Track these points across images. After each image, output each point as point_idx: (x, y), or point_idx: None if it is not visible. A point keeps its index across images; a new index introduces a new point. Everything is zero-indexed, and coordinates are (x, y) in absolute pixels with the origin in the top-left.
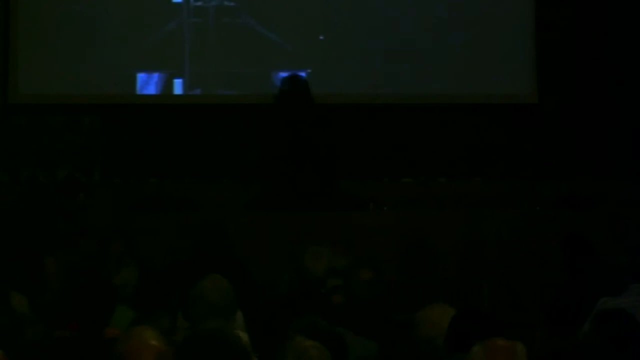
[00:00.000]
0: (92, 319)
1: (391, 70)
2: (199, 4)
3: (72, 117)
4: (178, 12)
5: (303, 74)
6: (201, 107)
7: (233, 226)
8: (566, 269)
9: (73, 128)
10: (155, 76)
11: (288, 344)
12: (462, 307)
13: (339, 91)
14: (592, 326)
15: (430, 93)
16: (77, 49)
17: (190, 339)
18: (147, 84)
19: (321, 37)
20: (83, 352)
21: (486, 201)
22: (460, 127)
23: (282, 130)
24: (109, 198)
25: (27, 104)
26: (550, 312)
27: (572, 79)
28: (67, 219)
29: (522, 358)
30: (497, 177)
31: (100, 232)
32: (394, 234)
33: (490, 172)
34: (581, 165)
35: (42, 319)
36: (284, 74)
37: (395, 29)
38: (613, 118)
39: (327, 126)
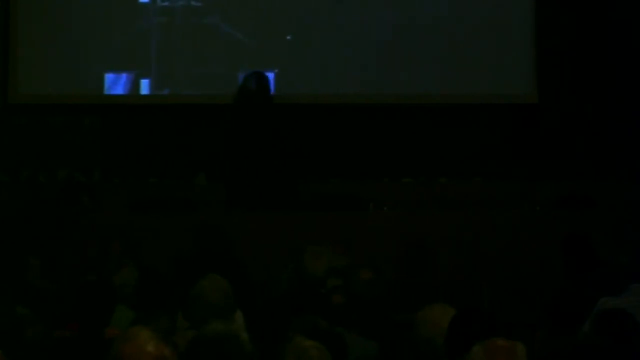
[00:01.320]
0: (92, 319)
1: (368, 71)
2: (165, 4)
3: (72, 117)
4: (145, 12)
5: (271, 73)
6: (202, 107)
7: (233, 226)
8: (566, 269)
9: (73, 128)
10: (123, 76)
11: (288, 344)
12: (462, 307)
13: (306, 91)
14: (592, 326)
15: (430, 93)
16: (76, 49)
17: (196, 341)
18: (115, 84)
19: (288, 37)
20: (83, 352)
21: (486, 201)
22: (460, 127)
23: (242, 128)
24: (109, 198)
25: (27, 104)
26: (550, 312)
27: (572, 79)
28: (69, 220)
29: (522, 358)
30: (497, 177)
31: (100, 232)
32: (394, 234)
33: (490, 172)
34: (581, 165)
35: (42, 319)
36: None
37: (389, 28)
38: (613, 118)
39: (288, 125)
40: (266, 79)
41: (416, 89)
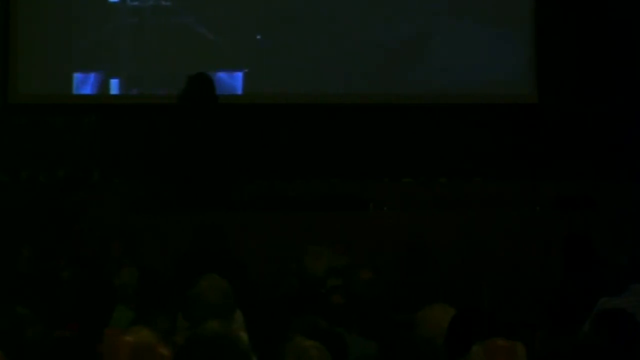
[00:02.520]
0: (92, 319)
1: (343, 70)
2: (135, 4)
3: (72, 117)
4: (114, 13)
5: (240, 72)
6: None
7: (233, 226)
8: (566, 269)
9: (73, 128)
10: (92, 76)
11: (288, 344)
12: (462, 307)
13: (276, 89)
14: (592, 326)
15: (430, 93)
16: (75, 48)
17: (190, 341)
18: (84, 84)
19: (258, 37)
20: (83, 352)
21: (486, 201)
22: (460, 127)
23: (187, 129)
24: (109, 198)
25: (27, 104)
26: (550, 312)
27: (572, 79)
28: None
29: (522, 358)
30: (497, 177)
31: (100, 232)
32: (394, 234)
33: (490, 172)
34: (581, 165)
35: (42, 319)
36: (220, 74)
37: (380, 29)
38: (613, 118)
39: (230, 126)
40: (211, 80)
41: (416, 89)
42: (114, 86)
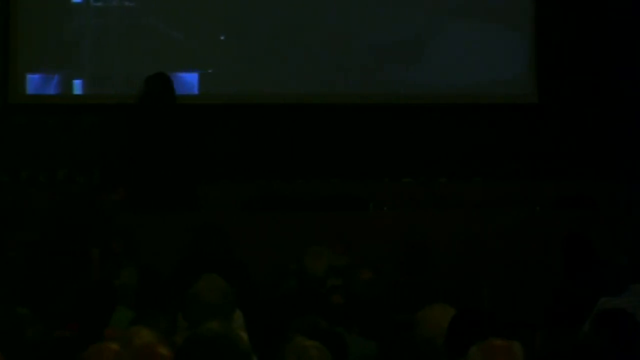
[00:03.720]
0: (92, 319)
1: (306, 70)
2: (99, 4)
3: (72, 117)
4: (79, 13)
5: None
6: (206, 107)
7: (233, 226)
8: (566, 269)
9: (73, 128)
10: (56, 77)
11: (288, 344)
12: (462, 307)
13: (238, 90)
14: (592, 326)
15: (430, 93)
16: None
17: (190, 341)
18: (47, 85)
19: (222, 37)
20: (83, 352)
21: (486, 201)
22: (460, 127)
23: (143, 130)
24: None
25: (27, 104)
26: (550, 312)
27: (572, 79)
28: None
29: (520, 357)
30: (497, 177)
31: (100, 232)
32: (394, 234)
33: (490, 172)
34: (581, 165)
35: (42, 319)
36: (180, 74)
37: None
38: (613, 118)
39: (189, 126)
40: (170, 80)
41: (416, 89)
42: (77, 87)
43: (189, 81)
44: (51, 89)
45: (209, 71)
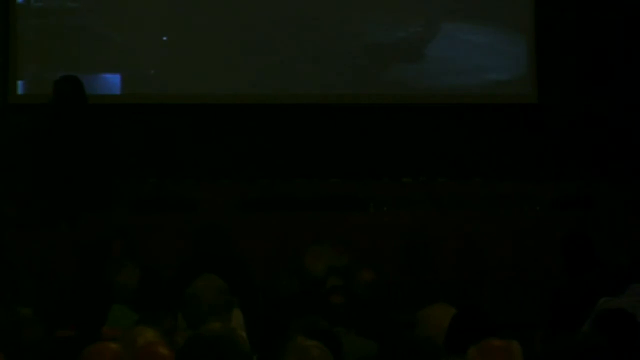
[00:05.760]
0: (88, 319)
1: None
2: (39, 4)
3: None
4: (22, 13)
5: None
6: (207, 107)
7: (233, 226)
8: (566, 269)
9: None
10: None
11: (289, 344)
12: (462, 307)
13: (183, 91)
14: (592, 326)
15: (430, 93)
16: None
17: (191, 342)
18: None
19: (164, 38)
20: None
21: (486, 201)
22: (460, 127)
23: (56, 131)
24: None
25: (27, 104)
26: (550, 312)
27: (572, 79)
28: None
29: (518, 357)
30: (497, 177)
31: (101, 232)
32: (394, 234)
33: (490, 172)
34: (581, 165)
35: (43, 319)
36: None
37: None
38: (613, 118)
39: (101, 127)
40: (80, 82)
41: (416, 89)
42: (19, 88)
43: (188, 80)
44: None
45: (208, 71)
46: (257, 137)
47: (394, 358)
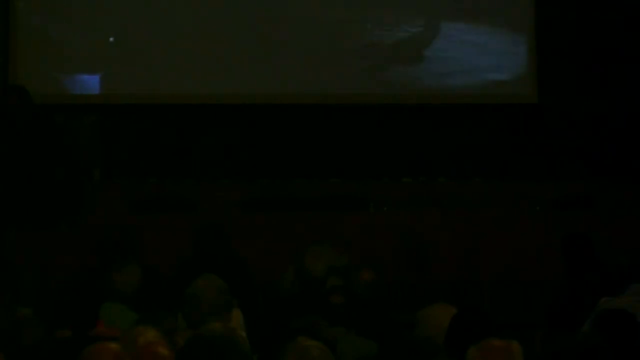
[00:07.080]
0: (80, 319)
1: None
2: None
3: (72, 117)
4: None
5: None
6: (207, 107)
7: (233, 226)
8: (566, 269)
9: (73, 128)
10: None
11: (289, 344)
12: (462, 307)
13: (133, 91)
14: (592, 326)
15: (430, 93)
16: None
17: (191, 342)
18: None
19: (111, 39)
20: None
21: (486, 201)
22: (460, 127)
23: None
24: (109, 198)
25: None
26: (550, 312)
27: (572, 78)
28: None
29: (518, 357)
30: (497, 177)
31: (101, 232)
32: (394, 234)
33: (490, 172)
34: (581, 165)
35: (43, 319)
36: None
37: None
38: (613, 118)
39: (51, 128)
40: (27, 92)
41: (416, 89)
42: None
43: (188, 80)
44: None
45: (208, 71)
46: (257, 137)
47: (394, 358)
